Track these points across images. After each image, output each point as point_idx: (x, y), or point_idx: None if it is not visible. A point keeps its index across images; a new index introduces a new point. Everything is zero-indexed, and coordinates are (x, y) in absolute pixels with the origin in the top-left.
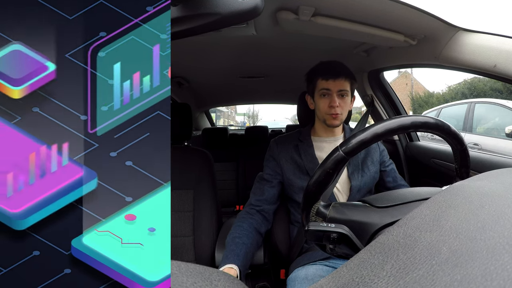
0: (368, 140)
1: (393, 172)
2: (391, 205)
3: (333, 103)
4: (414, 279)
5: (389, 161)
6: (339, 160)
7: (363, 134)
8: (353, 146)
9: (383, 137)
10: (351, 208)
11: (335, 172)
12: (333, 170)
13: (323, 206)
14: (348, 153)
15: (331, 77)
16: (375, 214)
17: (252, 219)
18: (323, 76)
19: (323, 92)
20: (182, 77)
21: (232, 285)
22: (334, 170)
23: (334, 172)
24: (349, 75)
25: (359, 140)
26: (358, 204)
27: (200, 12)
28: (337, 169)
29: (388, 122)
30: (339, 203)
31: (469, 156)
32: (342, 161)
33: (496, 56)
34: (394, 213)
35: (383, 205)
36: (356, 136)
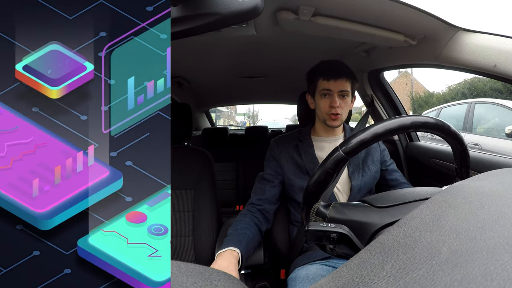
0: (368, 140)
1: (395, 171)
2: (391, 205)
3: (334, 104)
4: (414, 279)
5: (390, 160)
6: (339, 160)
7: (363, 134)
8: (353, 146)
9: (383, 137)
10: (351, 208)
11: (335, 172)
12: (333, 170)
13: (323, 206)
14: (348, 153)
15: (332, 77)
16: (375, 214)
17: (253, 216)
18: (324, 76)
19: (324, 92)
20: (182, 77)
21: (232, 285)
22: (334, 170)
23: (334, 172)
24: (350, 75)
25: (359, 140)
26: (358, 204)
27: (200, 12)
28: (337, 169)
29: (388, 122)
30: (339, 203)
31: (469, 156)
32: (342, 161)
33: (496, 56)
34: (394, 213)
35: (383, 205)
36: (356, 136)
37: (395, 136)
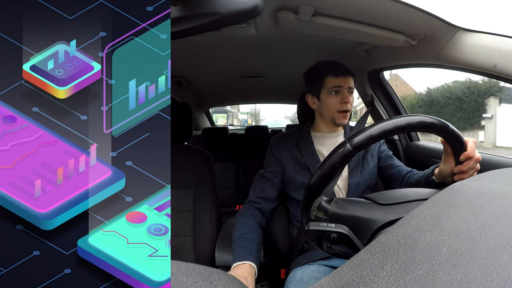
0: (376, 136)
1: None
2: (394, 203)
3: (346, 99)
4: (414, 279)
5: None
6: (346, 154)
7: (372, 129)
8: (361, 141)
9: (391, 134)
10: (354, 204)
11: (341, 165)
12: (339, 164)
13: (326, 201)
14: (356, 147)
15: (341, 74)
16: (378, 211)
17: (254, 215)
18: (334, 73)
19: (334, 89)
20: (182, 77)
21: (232, 285)
22: (340, 164)
23: (340, 166)
24: (353, 74)
25: (368, 135)
26: (361, 201)
27: (200, 12)
28: (344, 163)
29: (397, 119)
30: (341, 198)
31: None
32: (350, 155)
33: (496, 56)
34: (397, 211)
35: (386, 203)
36: (365, 130)
37: (395, 136)
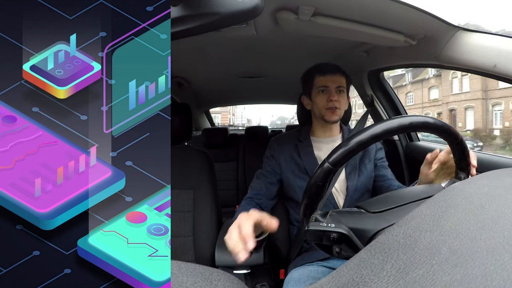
0: (353, 149)
1: (384, 168)
2: (384, 210)
3: (332, 97)
4: (414, 279)
5: (383, 158)
6: (326, 172)
7: (347, 144)
8: (338, 157)
9: (368, 144)
10: (347, 216)
11: (326, 183)
12: (323, 182)
13: (321, 215)
14: (335, 164)
15: (328, 72)
16: (370, 220)
17: (254, 205)
18: (320, 72)
19: (322, 88)
20: (182, 77)
21: (232, 285)
22: (324, 182)
23: (325, 184)
24: (345, 73)
25: (344, 151)
26: (353, 211)
27: (200, 12)
28: (327, 180)
29: (373, 128)
30: (335, 211)
31: (466, 148)
32: (331, 172)
33: (496, 56)
34: (388, 218)
35: (377, 210)
36: (341, 147)
37: (395, 136)
